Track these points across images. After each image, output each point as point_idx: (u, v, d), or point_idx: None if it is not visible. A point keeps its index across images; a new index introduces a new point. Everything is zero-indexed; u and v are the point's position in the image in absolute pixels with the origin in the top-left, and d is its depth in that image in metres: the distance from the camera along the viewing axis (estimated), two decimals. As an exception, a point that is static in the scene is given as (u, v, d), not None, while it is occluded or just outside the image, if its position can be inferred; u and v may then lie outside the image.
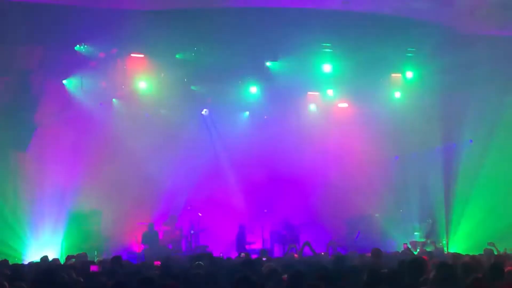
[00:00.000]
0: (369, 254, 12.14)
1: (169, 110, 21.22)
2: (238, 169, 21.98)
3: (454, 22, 17.35)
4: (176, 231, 19.98)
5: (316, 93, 21.52)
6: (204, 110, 21.85)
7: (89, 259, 14.49)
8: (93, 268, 10.77)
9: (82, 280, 8.76)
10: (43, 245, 17.80)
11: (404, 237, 20.69)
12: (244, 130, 22.03)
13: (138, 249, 19.27)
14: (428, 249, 17.65)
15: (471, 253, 13.19)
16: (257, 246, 20.11)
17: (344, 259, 10.84)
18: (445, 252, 17.96)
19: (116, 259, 11.24)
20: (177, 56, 18.46)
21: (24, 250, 17.61)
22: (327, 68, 19.38)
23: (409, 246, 17.01)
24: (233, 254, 17.94)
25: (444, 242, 20.31)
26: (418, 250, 18.57)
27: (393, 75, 20.24)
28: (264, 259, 12.33)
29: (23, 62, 17.27)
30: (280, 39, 17.84)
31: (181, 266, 10.89)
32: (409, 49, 18.99)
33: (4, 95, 17.65)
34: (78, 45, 17.72)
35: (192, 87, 20.18)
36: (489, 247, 14.55)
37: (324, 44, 18.75)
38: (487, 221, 18.47)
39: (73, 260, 13.39)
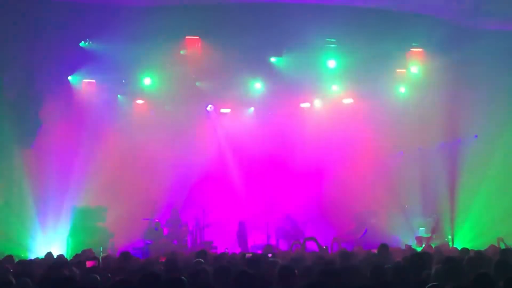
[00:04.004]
0: (374, 250, 12.11)
1: (174, 106, 21.25)
2: (243, 165, 22.00)
3: (459, 17, 17.29)
4: (182, 227, 20.01)
5: (321, 89, 21.45)
6: (209, 106, 21.87)
7: (94, 255, 14.50)
8: (90, 263, 10.77)
9: (88, 276, 8.75)
10: (49, 241, 17.85)
11: (410, 233, 20.69)
12: (248, 126, 22.03)
13: (143, 244, 19.31)
14: (433, 245, 17.62)
15: (476, 249, 13.15)
16: (262, 241, 20.10)
17: (350, 255, 10.83)
18: (451, 247, 17.92)
19: (125, 254, 11.24)
20: (181, 52, 18.44)
21: (29, 246, 17.64)
22: (332, 63, 19.35)
23: (412, 245, 16.95)
24: (238, 250, 17.96)
25: (450, 237, 20.26)
26: (423, 245, 18.54)
27: (398, 70, 20.20)
28: (269, 255, 12.32)
29: (28, 59, 17.27)
30: (284, 34, 17.83)
31: (187, 262, 10.88)
32: (414, 44, 18.94)
33: (9, 92, 17.68)
34: (83, 41, 17.75)
35: (197, 83, 20.17)
36: (497, 242, 14.55)
37: (329, 40, 18.72)
38: (493, 216, 18.42)
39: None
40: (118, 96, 20.53)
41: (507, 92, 18.80)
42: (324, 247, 17.20)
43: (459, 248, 13.77)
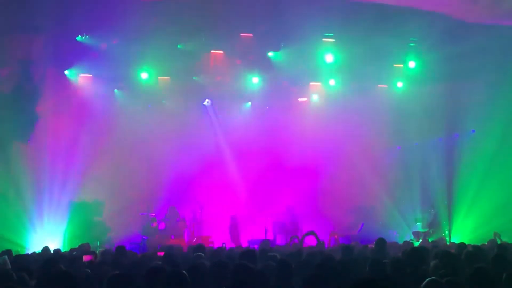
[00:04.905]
0: (372, 245, 12.12)
1: (171, 101, 21.21)
2: (240, 159, 21.99)
3: (457, 11, 17.25)
4: (179, 223, 20.00)
5: (318, 83, 21.45)
6: (206, 100, 21.84)
7: (91, 249, 14.50)
8: (87, 258, 10.76)
9: (88, 271, 8.74)
10: (46, 235, 17.83)
11: (407, 228, 20.74)
12: (246, 120, 22.02)
13: (140, 239, 19.31)
14: (430, 239, 17.67)
15: (473, 244, 13.18)
16: (260, 236, 20.11)
17: (352, 250, 10.85)
18: (448, 243, 17.97)
19: (120, 249, 11.23)
20: (178, 46, 18.40)
21: (27, 241, 17.64)
22: (329, 58, 19.31)
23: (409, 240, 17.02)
24: (232, 245, 17.99)
25: (446, 232, 20.32)
26: (420, 240, 18.59)
27: (395, 65, 20.19)
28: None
29: (25, 53, 17.21)
30: (282, 29, 17.78)
31: (185, 256, 10.88)
32: (411, 38, 18.93)
33: (5, 86, 17.62)
34: (80, 36, 17.68)
35: (194, 78, 20.13)
36: (494, 237, 14.61)
37: (327, 34, 18.68)
38: (490, 211, 18.46)
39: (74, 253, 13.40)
40: (115, 90, 20.48)
41: (504, 87, 18.81)
42: (322, 241, 17.22)
43: (456, 243, 13.81)
